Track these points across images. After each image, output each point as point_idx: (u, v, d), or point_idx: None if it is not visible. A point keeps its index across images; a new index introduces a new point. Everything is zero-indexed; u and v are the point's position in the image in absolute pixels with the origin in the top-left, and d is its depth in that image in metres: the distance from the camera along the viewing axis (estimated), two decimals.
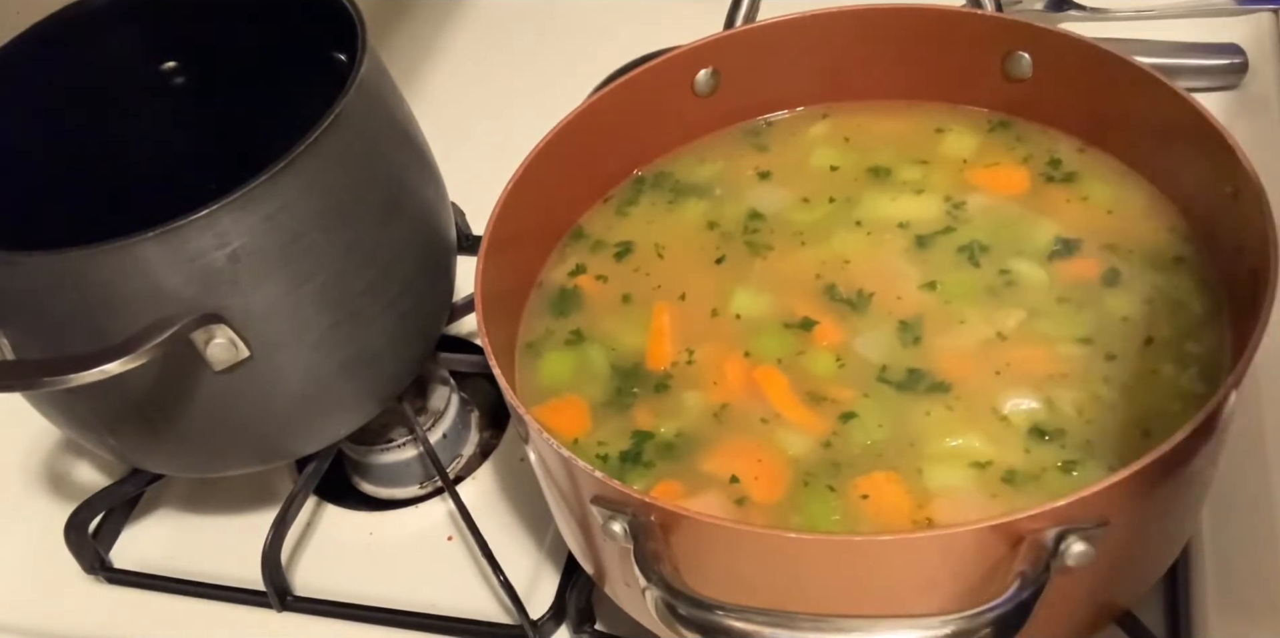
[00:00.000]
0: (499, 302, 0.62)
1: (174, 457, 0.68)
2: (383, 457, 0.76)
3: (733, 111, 0.72)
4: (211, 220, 0.57)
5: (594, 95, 0.67)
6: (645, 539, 0.48)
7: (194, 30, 0.74)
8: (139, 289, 0.57)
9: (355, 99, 0.61)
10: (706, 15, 0.73)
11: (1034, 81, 0.67)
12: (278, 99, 0.72)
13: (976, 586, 0.47)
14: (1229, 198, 0.56)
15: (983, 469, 0.55)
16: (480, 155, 0.76)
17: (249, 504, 0.78)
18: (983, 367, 0.59)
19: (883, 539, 0.46)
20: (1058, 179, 0.66)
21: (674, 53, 0.68)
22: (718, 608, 0.44)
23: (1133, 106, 0.62)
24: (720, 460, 0.58)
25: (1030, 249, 0.63)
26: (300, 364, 0.64)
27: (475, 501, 0.74)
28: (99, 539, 0.77)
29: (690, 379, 0.61)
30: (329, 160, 0.60)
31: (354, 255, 0.63)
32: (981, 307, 0.61)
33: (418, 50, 1.09)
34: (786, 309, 0.63)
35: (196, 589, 0.74)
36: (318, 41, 0.69)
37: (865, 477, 0.55)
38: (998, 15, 0.67)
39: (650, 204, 0.70)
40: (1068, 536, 0.46)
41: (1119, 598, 0.56)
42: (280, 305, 0.61)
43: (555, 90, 0.82)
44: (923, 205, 0.66)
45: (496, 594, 0.69)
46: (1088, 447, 0.55)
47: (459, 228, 0.78)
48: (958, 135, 0.70)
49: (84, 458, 0.83)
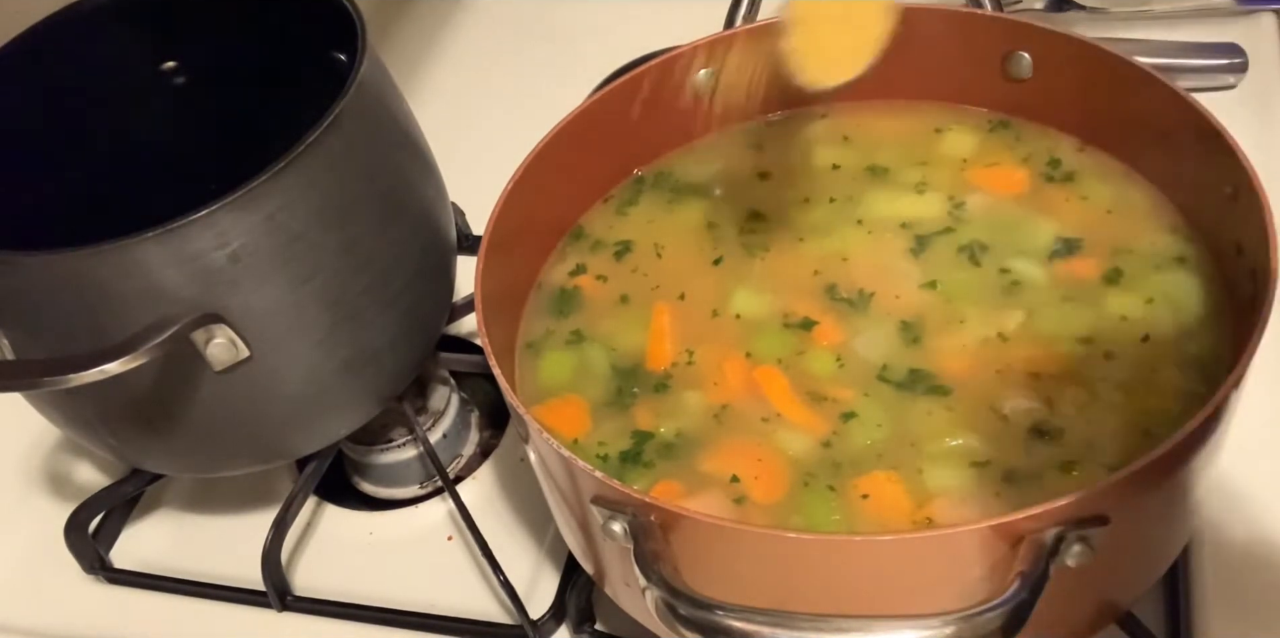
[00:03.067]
0: (499, 302, 0.62)
1: (174, 457, 0.68)
2: (383, 457, 0.76)
3: (733, 111, 0.72)
4: (211, 220, 0.57)
5: (594, 95, 0.67)
6: (645, 539, 0.48)
7: (194, 30, 0.74)
8: (139, 289, 0.57)
9: (355, 99, 0.61)
10: (706, 15, 0.73)
11: (1034, 81, 0.67)
12: (278, 99, 0.72)
13: (976, 586, 0.47)
14: (1229, 198, 0.56)
15: (983, 469, 0.55)
16: (480, 155, 0.76)
17: (249, 504, 0.78)
18: (983, 366, 0.59)
19: (883, 539, 0.46)
20: (1057, 179, 0.66)
21: (674, 53, 0.68)
22: (718, 608, 0.44)
23: (1133, 106, 0.62)
24: (720, 461, 0.58)
25: (1030, 249, 0.63)
26: (300, 364, 0.64)
27: (475, 501, 0.74)
28: (99, 539, 0.77)
29: (690, 379, 0.61)
30: (329, 160, 0.60)
31: (354, 255, 0.63)
32: (981, 306, 0.61)
33: (418, 50, 1.09)
34: (786, 309, 0.63)
35: (196, 589, 0.74)
36: (318, 41, 0.69)
37: (865, 477, 0.55)
38: (998, 15, 0.67)
39: (650, 204, 0.70)
40: (1068, 535, 0.46)
41: (1119, 598, 0.56)
42: (280, 305, 0.61)
43: (555, 90, 0.83)
44: (923, 205, 0.67)
45: (496, 594, 0.69)
46: (1088, 446, 0.55)
47: (459, 228, 0.78)
48: (958, 135, 0.70)
49: (84, 458, 0.83)
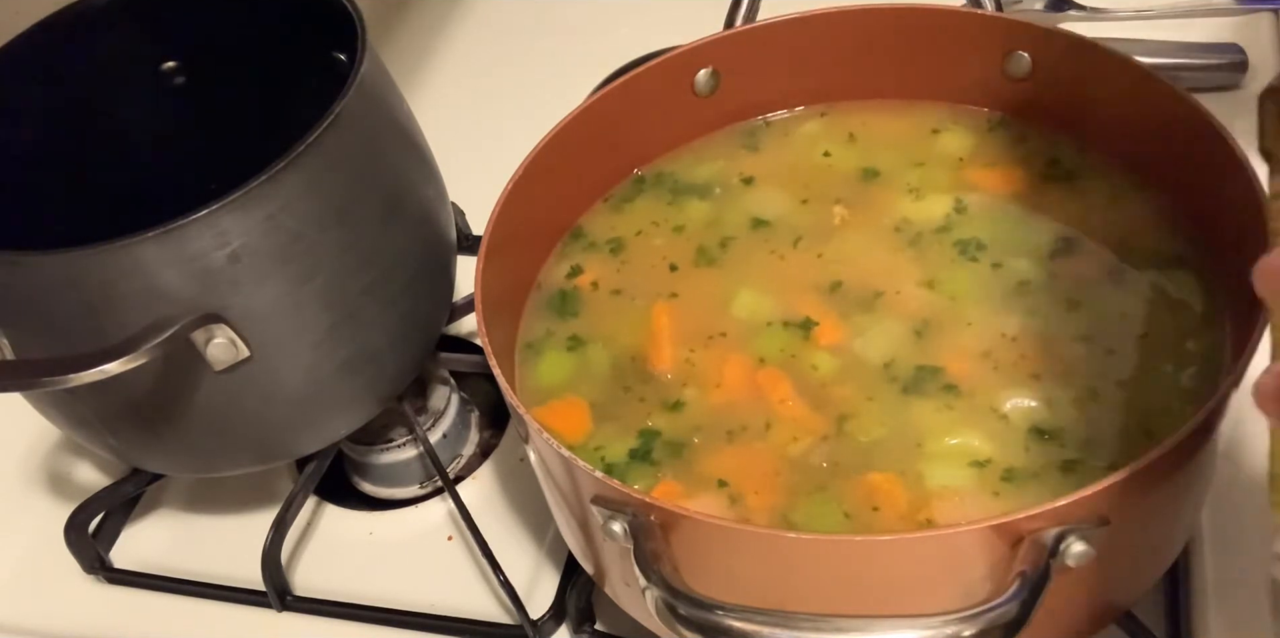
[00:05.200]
0: (499, 302, 0.62)
1: (174, 457, 0.68)
2: (383, 457, 0.76)
3: (732, 111, 0.72)
4: (211, 220, 0.57)
5: (594, 95, 0.67)
6: (645, 539, 0.48)
7: (194, 30, 0.74)
8: (139, 289, 0.57)
9: (355, 99, 0.61)
10: (706, 15, 0.73)
11: (1034, 81, 0.67)
12: (278, 99, 0.72)
13: (977, 586, 0.47)
14: (1229, 198, 0.56)
15: (983, 468, 0.55)
16: (480, 155, 0.76)
17: (249, 504, 0.78)
18: (983, 365, 0.59)
19: (883, 539, 0.46)
20: (1057, 178, 0.66)
21: (674, 53, 0.68)
22: (718, 608, 0.44)
23: (1133, 106, 0.62)
24: (721, 461, 0.58)
25: (1030, 248, 0.63)
26: (300, 364, 0.64)
27: (475, 501, 0.74)
28: (99, 539, 0.77)
29: (690, 379, 0.61)
30: (329, 160, 0.60)
31: (354, 255, 0.63)
32: (982, 305, 0.61)
33: (418, 50, 1.09)
34: (786, 309, 0.63)
35: (196, 589, 0.74)
36: (318, 41, 0.69)
37: (865, 477, 0.55)
38: (998, 15, 0.67)
39: (650, 204, 0.70)
40: (1068, 535, 0.46)
41: (1119, 598, 0.56)
42: (280, 305, 0.61)
43: (555, 90, 0.82)
44: (923, 204, 0.66)
45: (496, 594, 0.69)
46: (1088, 445, 0.55)
47: (459, 228, 0.78)
48: (957, 135, 0.70)
49: (84, 458, 0.83)
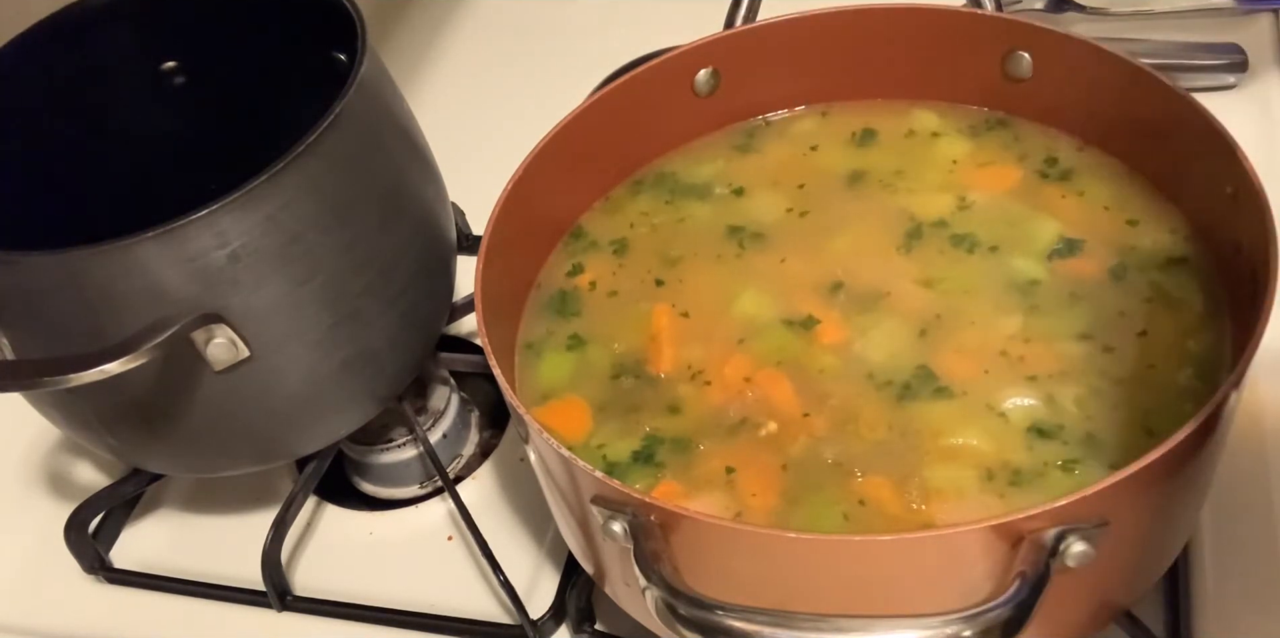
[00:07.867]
0: (499, 302, 0.62)
1: (174, 457, 0.68)
2: (383, 457, 0.76)
3: (732, 111, 0.72)
4: (211, 220, 0.57)
5: (594, 95, 0.67)
6: (645, 539, 0.48)
7: (194, 30, 0.74)
8: (139, 289, 0.57)
9: (355, 99, 0.61)
10: (706, 15, 0.73)
11: (1034, 81, 0.67)
12: (278, 99, 0.72)
13: (977, 586, 0.47)
14: (1229, 198, 0.56)
15: (983, 468, 0.55)
16: (480, 155, 0.76)
17: (249, 504, 0.78)
18: (983, 364, 0.59)
19: (883, 539, 0.46)
20: (1057, 178, 0.66)
21: (674, 53, 0.68)
22: (718, 608, 0.44)
23: (1133, 106, 0.62)
24: (720, 461, 0.57)
25: (1030, 247, 0.63)
26: (300, 364, 0.64)
27: (475, 501, 0.74)
28: (99, 539, 0.77)
29: (691, 379, 0.61)
30: (329, 160, 0.60)
31: (354, 255, 0.63)
32: (982, 304, 0.61)
33: (418, 50, 1.09)
34: (787, 309, 0.63)
35: (196, 589, 0.74)
36: (318, 41, 0.69)
37: (866, 476, 0.55)
38: (998, 15, 0.67)
39: (650, 204, 0.70)
40: (1068, 535, 0.46)
41: (1119, 598, 0.56)
42: (280, 305, 0.61)
43: (555, 90, 0.82)
44: (923, 204, 0.66)
45: (496, 594, 0.69)
46: (1088, 445, 0.55)
47: (459, 228, 0.78)
48: (957, 134, 0.70)
49: (84, 458, 0.83)
